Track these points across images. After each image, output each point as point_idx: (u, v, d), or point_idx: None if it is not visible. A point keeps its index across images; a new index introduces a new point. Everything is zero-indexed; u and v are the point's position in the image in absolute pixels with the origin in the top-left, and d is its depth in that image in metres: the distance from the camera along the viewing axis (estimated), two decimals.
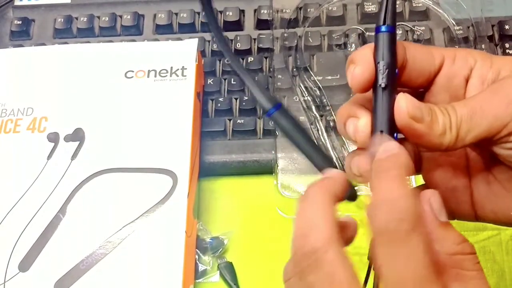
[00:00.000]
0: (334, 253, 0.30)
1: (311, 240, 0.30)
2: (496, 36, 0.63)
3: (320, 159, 0.35)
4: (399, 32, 0.63)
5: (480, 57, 0.35)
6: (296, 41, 0.63)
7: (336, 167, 0.35)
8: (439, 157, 0.37)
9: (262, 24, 0.66)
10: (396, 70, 0.33)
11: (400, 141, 0.33)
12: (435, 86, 0.35)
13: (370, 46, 0.33)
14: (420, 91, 0.36)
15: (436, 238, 0.31)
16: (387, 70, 0.32)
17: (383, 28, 0.32)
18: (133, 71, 0.59)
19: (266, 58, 0.64)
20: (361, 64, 0.33)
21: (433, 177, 0.37)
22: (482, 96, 0.33)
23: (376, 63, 0.32)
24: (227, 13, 0.67)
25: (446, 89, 0.35)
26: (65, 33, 0.68)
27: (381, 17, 0.33)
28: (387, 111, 0.32)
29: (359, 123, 0.33)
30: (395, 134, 0.32)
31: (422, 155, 0.38)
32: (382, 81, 0.32)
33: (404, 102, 0.32)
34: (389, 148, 0.31)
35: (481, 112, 0.32)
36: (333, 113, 0.59)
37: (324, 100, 0.60)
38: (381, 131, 0.32)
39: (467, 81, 0.35)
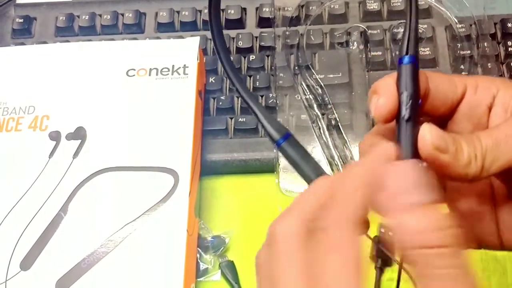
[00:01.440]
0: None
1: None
2: (499, 34, 0.63)
3: None
4: (401, 30, 0.63)
5: (502, 85, 0.35)
6: (298, 39, 0.63)
7: None
8: (463, 187, 0.37)
9: (263, 22, 0.66)
10: (419, 101, 0.33)
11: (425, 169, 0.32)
12: (458, 115, 0.35)
13: (392, 76, 0.33)
14: (443, 120, 0.36)
15: None
16: (410, 101, 0.32)
17: (406, 59, 0.32)
18: (134, 70, 0.59)
19: (267, 56, 0.64)
20: (384, 95, 0.33)
21: (457, 207, 0.37)
22: (507, 125, 0.33)
23: (399, 94, 0.32)
24: (229, 11, 0.66)
25: (469, 118, 0.35)
26: (66, 31, 0.68)
27: (403, 48, 0.33)
28: (411, 142, 0.32)
29: None
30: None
31: (446, 184, 0.37)
32: (405, 112, 0.32)
33: (428, 133, 0.31)
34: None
35: (506, 141, 0.32)
36: (334, 112, 0.59)
37: (326, 99, 0.60)
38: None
39: (490, 109, 0.35)
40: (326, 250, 0.29)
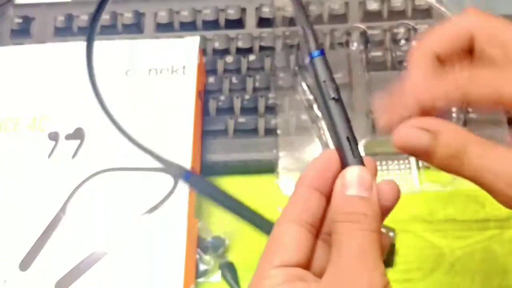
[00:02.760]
0: None
1: None
2: None
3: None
4: (401, 30, 0.63)
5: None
6: (298, 40, 0.63)
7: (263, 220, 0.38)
8: None
9: (263, 22, 0.66)
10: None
11: None
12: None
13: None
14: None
15: None
16: (333, 85, 0.35)
17: (317, 53, 0.36)
18: (134, 70, 0.59)
19: (267, 56, 0.64)
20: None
21: None
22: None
23: (322, 83, 0.35)
24: (228, 11, 0.66)
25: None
26: (65, 31, 0.67)
27: (311, 45, 0.36)
28: (345, 119, 0.35)
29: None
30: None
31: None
32: (334, 94, 0.34)
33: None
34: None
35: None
36: None
37: None
38: (348, 138, 0.34)
39: None
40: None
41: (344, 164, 0.33)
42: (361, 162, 0.33)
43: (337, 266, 0.31)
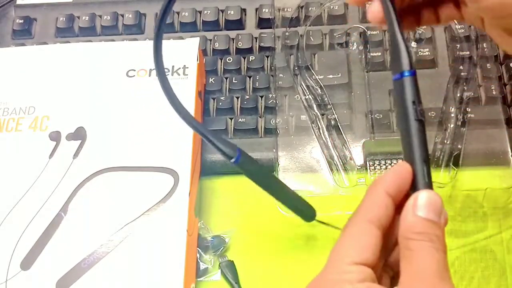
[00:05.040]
0: None
1: None
2: None
3: (291, 196, 0.40)
4: None
5: None
6: (297, 40, 0.63)
7: (304, 201, 0.39)
8: None
9: (263, 23, 0.66)
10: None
11: None
12: None
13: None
14: None
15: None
16: (421, 106, 0.35)
17: (409, 72, 0.36)
18: (134, 70, 0.60)
19: (267, 57, 0.64)
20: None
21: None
22: None
23: (410, 103, 0.36)
24: (229, 11, 0.67)
25: None
26: (67, 32, 0.68)
27: (404, 63, 0.36)
28: (425, 142, 0.35)
29: None
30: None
31: None
32: (421, 117, 0.35)
33: None
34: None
35: None
36: (334, 112, 0.59)
37: (326, 99, 0.60)
38: (425, 161, 0.35)
39: None
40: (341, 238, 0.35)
41: (416, 183, 0.35)
42: (431, 186, 0.35)
43: (415, 279, 0.33)
